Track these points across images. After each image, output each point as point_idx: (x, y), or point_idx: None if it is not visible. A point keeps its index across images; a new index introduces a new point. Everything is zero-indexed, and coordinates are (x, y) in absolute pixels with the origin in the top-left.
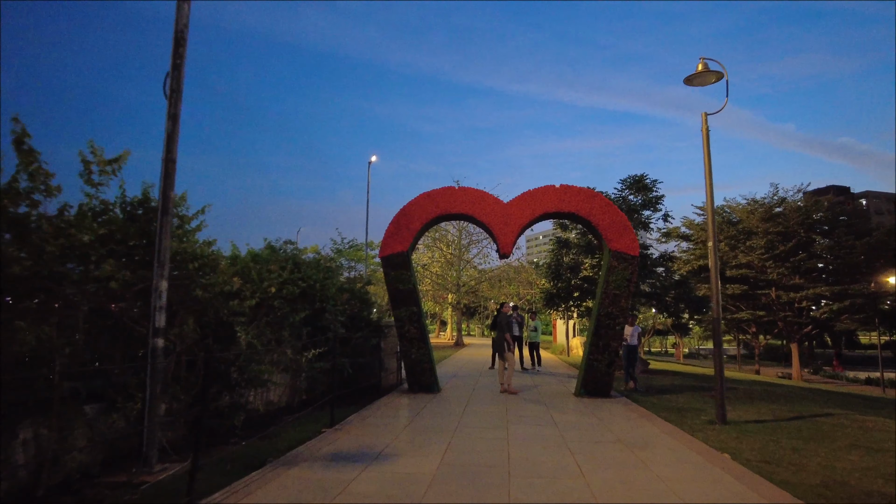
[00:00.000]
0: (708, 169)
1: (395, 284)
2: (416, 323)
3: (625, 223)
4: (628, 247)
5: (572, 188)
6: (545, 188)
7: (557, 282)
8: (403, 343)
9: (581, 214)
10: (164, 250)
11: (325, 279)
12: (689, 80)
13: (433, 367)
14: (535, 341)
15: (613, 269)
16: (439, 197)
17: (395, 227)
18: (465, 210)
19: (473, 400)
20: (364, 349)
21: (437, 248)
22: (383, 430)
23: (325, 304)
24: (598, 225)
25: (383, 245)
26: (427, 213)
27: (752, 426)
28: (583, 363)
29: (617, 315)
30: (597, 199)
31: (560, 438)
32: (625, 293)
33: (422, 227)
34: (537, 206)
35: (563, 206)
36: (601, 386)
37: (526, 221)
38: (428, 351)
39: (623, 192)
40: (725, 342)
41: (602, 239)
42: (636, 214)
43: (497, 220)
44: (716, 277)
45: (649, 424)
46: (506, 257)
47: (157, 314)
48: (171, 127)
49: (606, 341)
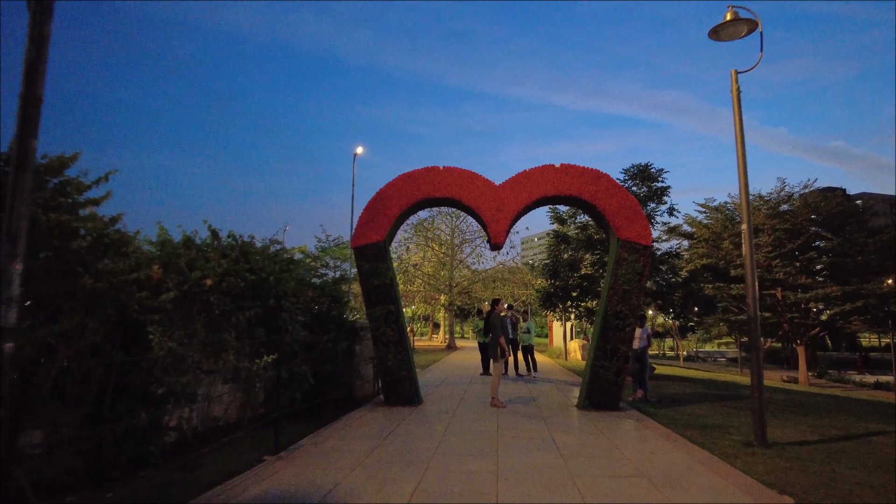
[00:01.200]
0: (739, 136)
1: (370, 279)
2: (393, 324)
3: (635, 208)
4: (639, 235)
5: (574, 168)
6: (543, 168)
7: (555, 280)
8: (378, 347)
9: (585, 198)
10: (17, 220)
11: (280, 272)
12: (716, 33)
13: (413, 375)
14: (528, 344)
15: (622, 261)
16: (421, 178)
17: (369, 213)
18: (451, 193)
19: (459, 415)
20: (333, 354)
21: (430, 247)
22: (338, 460)
23: (283, 301)
24: (605, 210)
25: (356, 234)
26: (407, 198)
27: (799, 450)
28: (587, 370)
29: (627, 314)
30: (603, 181)
31: (564, 472)
32: (636, 289)
33: (401, 214)
34: (534, 188)
35: (563, 189)
36: (609, 397)
37: (521, 207)
38: (407, 356)
39: (626, 183)
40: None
41: (609, 227)
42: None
43: (488, 206)
44: (752, 267)
45: (674, 449)
46: (498, 248)
47: (4, 308)
48: (34, 54)
49: (615, 345)
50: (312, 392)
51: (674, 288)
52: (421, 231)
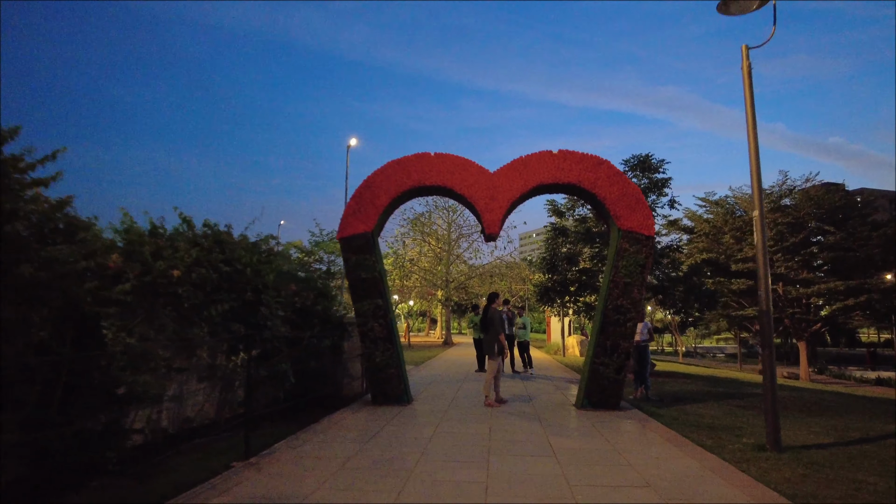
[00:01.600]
0: (751, 115)
1: (357, 272)
2: (381, 319)
3: (637, 196)
4: (641, 225)
5: (573, 154)
6: (540, 154)
7: (553, 274)
8: (366, 343)
9: (584, 186)
10: None
11: (259, 263)
12: (725, 6)
13: (402, 372)
14: (524, 340)
15: (623, 252)
16: (411, 165)
17: (356, 202)
18: (443, 181)
19: (450, 415)
20: (318, 351)
21: (426, 242)
22: (313, 468)
23: (262, 294)
24: (605, 199)
25: (342, 224)
26: (396, 186)
27: (816, 454)
28: (586, 367)
29: (628, 309)
30: (603, 168)
31: (563, 482)
32: (637, 281)
33: (390, 203)
34: (530, 176)
35: (562, 176)
36: (609, 396)
37: (517, 195)
38: (396, 353)
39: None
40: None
41: (609, 216)
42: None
43: (482, 194)
44: (764, 257)
45: (681, 454)
46: (492, 239)
47: None
48: None
49: (615, 341)
50: (297, 390)
51: (675, 283)
52: (417, 226)
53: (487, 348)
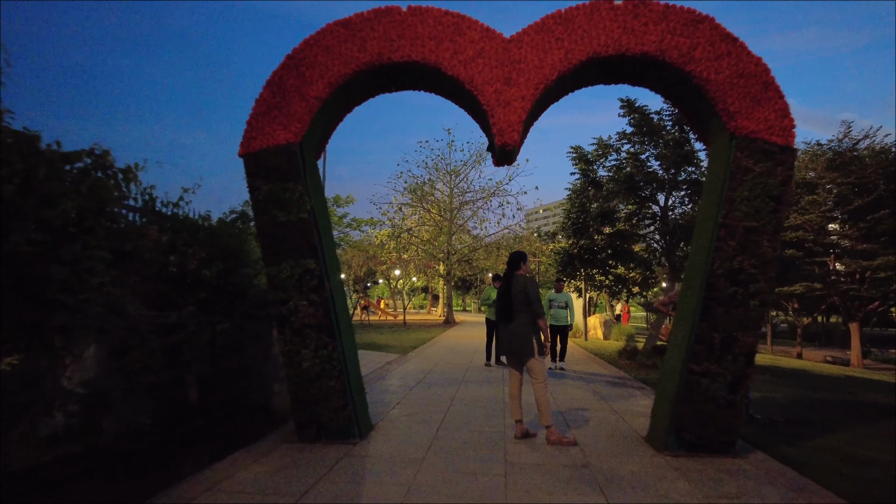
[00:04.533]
0: None
1: (272, 211)
2: (313, 294)
3: (764, 78)
4: (773, 127)
5: (649, 3)
6: (593, 4)
7: (580, 238)
8: (285, 335)
9: (669, 60)
10: None
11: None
12: None
13: (350, 386)
14: (563, 324)
15: (744, 173)
16: (367, 28)
17: (273, 93)
18: (423, 54)
19: (432, 467)
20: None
21: (426, 209)
22: None
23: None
24: (709, 81)
25: (248, 131)
26: (342, 64)
27: None
28: (670, 377)
29: (755, 274)
30: (703, 29)
31: None
32: (769, 226)
33: (331, 95)
34: (576, 42)
35: (630, 43)
36: (718, 431)
37: (551, 77)
38: (339, 353)
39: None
40: None
41: (715, 112)
42: (687, 145)
43: (490, 74)
44: None
45: None
46: (507, 157)
47: None
48: None
49: (729, 332)
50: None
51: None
52: (416, 192)
53: (523, 343)
